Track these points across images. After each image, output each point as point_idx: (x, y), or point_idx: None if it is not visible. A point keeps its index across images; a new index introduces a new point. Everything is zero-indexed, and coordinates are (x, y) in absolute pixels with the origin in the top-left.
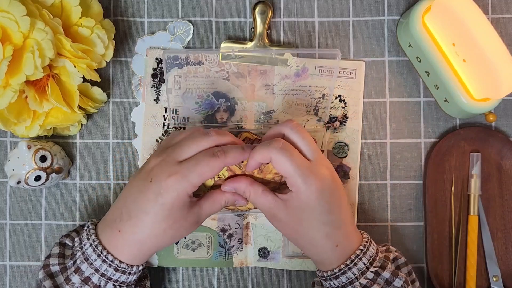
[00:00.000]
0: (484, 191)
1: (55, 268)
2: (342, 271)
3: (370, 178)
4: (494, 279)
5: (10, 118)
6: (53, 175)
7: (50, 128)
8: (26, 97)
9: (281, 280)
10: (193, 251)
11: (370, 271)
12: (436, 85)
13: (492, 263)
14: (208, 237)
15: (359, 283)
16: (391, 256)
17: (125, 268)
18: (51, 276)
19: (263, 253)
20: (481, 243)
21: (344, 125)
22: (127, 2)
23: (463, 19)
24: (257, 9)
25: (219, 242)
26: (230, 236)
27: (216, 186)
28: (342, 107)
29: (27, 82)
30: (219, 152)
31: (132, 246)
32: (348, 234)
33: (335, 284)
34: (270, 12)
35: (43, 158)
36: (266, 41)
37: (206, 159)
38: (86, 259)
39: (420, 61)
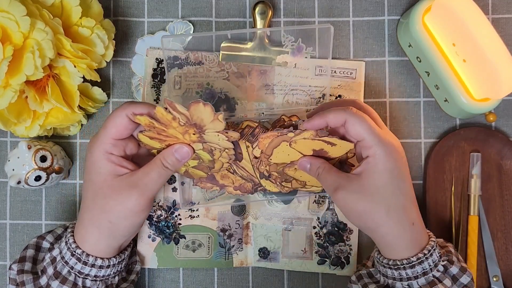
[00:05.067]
0: (484, 191)
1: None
2: (420, 261)
3: None
4: (495, 279)
5: (10, 118)
6: (53, 175)
7: (50, 128)
8: (26, 97)
9: (281, 280)
10: (193, 252)
11: (441, 264)
12: (436, 85)
13: (492, 263)
14: (208, 237)
15: (432, 274)
16: (452, 250)
17: (94, 262)
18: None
19: (263, 253)
20: (481, 243)
21: None
22: (127, 2)
23: (463, 19)
24: (257, 9)
25: (219, 242)
26: (230, 236)
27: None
28: None
29: (27, 82)
30: (122, 105)
31: (94, 234)
32: (419, 216)
33: (407, 274)
34: (270, 12)
35: (43, 158)
36: (266, 41)
37: (111, 115)
38: (63, 258)
39: (420, 61)
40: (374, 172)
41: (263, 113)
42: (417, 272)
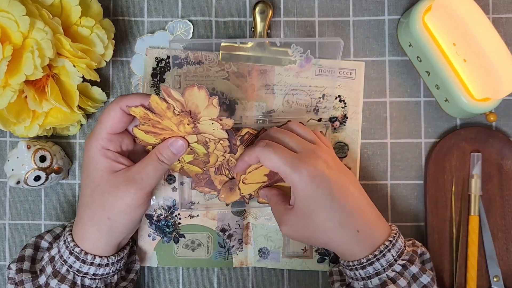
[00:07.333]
0: (485, 191)
1: (26, 275)
2: (370, 262)
3: (370, 178)
4: (495, 279)
5: (10, 118)
6: (53, 175)
7: (50, 128)
8: (26, 97)
9: (281, 280)
10: (193, 251)
11: (398, 264)
12: (437, 85)
13: (492, 263)
14: (208, 237)
15: (386, 275)
16: (419, 251)
17: (93, 260)
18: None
19: (263, 253)
20: (481, 244)
21: (344, 125)
22: (127, 2)
23: (464, 18)
24: (257, 9)
25: (218, 242)
26: (230, 236)
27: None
28: (342, 107)
29: (27, 82)
30: (116, 98)
31: (93, 232)
32: (367, 220)
33: (360, 274)
34: (270, 11)
35: (42, 158)
36: (267, 41)
37: (105, 109)
38: (61, 256)
39: (420, 61)
40: (298, 201)
41: (265, 120)
42: (370, 273)
